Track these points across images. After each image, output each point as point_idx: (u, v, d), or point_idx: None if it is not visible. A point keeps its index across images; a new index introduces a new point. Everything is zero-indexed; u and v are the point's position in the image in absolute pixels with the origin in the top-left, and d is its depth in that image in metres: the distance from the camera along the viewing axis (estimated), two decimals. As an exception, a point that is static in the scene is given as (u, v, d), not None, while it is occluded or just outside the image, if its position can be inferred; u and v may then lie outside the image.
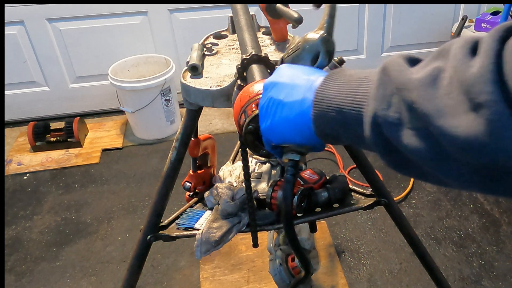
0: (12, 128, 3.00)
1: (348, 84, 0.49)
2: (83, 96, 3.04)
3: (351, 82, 0.49)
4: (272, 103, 0.57)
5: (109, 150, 2.77)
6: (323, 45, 0.59)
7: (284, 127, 0.57)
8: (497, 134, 0.36)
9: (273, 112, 0.57)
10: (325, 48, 0.59)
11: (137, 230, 1.48)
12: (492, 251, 2.00)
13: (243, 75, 0.83)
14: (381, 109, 0.44)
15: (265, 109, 0.59)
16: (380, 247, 2.04)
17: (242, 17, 1.02)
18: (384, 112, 0.44)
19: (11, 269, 2.02)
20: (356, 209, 1.25)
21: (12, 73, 2.88)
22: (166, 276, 1.94)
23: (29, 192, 2.47)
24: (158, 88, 2.63)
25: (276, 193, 1.17)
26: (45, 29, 2.78)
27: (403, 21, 3.10)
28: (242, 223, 1.21)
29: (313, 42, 0.59)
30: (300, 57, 0.61)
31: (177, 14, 2.86)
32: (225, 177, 1.38)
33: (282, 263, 1.54)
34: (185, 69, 1.03)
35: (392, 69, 0.44)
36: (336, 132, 0.51)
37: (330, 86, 0.51)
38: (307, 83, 0.54)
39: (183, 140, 1.11)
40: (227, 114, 3.03)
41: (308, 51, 0.60)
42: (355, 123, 0.48)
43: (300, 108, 0.54)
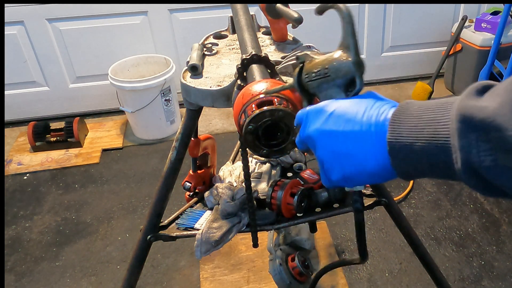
0: (12, 128, 3.01)
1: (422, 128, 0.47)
2: (83, 96, 3.04)
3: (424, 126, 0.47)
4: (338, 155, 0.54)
5: (109, 150, 2.77)
6: (357, 69, 0.56)
7: (362, 177, 0.54)
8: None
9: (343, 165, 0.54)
10: (359, 72, 0.56)
11: (137, 230, 1.48)
12: (492, 251, 2.00)
13: (243, 75, 0.83)
14: (472, 156, 0.42)
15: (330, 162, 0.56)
16: (380, 247, 2.04)
17: (242, 17, 1.02)
18: (476, 159, 0.42)
19: (11, 269, 2.02)
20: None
21: (12, 73, 2.88)
22: (166, 276, 1.94)
23: (29, 192, 2.47)
24: (158, 88, 2.63)
25: (276, 193, 1.17)
26: (45, 29, 2.78)
27: (403, 21, 3.10)
28: (242, 223, 1.21)
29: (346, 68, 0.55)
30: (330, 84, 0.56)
31: (177, 14, 2.86)
32: (225, 177, 1.38)
33: (282, 263, 1.54)
34: (185, 69, 1.03)
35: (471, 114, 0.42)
36: (422, 173, 0.49)
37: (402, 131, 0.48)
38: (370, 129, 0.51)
39: (183, 140, 1.11)
40: (227, 114, 3.03)
41: (341, 78, 0.56)
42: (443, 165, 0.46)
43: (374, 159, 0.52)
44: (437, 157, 0.46)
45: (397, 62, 3.26)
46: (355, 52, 0.56)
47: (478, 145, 0.42)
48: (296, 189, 1.19)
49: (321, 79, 0.57)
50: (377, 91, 0.56)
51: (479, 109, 0.42)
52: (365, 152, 0.52)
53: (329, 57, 0.57)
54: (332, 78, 0.56)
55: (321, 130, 0.55)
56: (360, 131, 0.52)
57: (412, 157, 0.48)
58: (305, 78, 0.59)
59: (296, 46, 1.11)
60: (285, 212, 1.18)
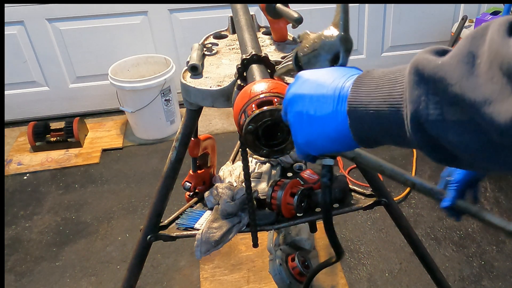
0: (12, 128, 3.00)
1: (379, 88, 0.48)
2: (83, 96, 3.04)
3: (382, 86, 0.48)
4: (303, 118, 0.55)
5: (109, 150, 2.77)
6: (342, 45, 0.57)
7: (323, 141, 0.55)
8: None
9: (307, 128, 0.55)
10: (344, 47, 0.57)
11: (137, 230, 1.48)
12: (492, 251, 2.00)
13: (243, 75, 0.84)
14: (421, 109, 0.43)
15: (297, 124, 0.57)
16: (380, 247, 2.04)
17: (242, 17, 1.02)
18: (424, 112, 0.42)
19: (11, 269, 2.02)
20: (356, 209, 1.25)
21: (12, 73, 2.88)
22: (166, 276, 1.94)
23: (29, 192, 2.47)
24: (158, 88, 2.63)
25: (276, 193, 1.18)
26: (45, 29, 2.78)
27: (403, 21, 3.10)
28: (242, 223, 1.21)
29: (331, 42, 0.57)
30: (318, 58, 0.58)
31: (177, 14, 2.86)
32: (225, 177, 1.38)
33: (282, 263, 1.54)
34: (185, 69, 1.03)
35: (423, 67, 0.43)
36: (376, 136, 0.50)
37: (361, 92, 0.49)
38: (334, 92, 0.52)
39: (183, 140, 1.11)
40: (227, 114, 3.03)
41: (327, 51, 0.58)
42: (395, 127, 0.46)
43: (335, 121, 0.52)
44: (389, 117, 0.46)
45: (397, 62, 3.26)
46: (343, 28, 0.57)
47: (428, 98, 0.42)
48: (296, 189, 1.19)
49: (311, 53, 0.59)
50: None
51: (431, 61, 0.42)
52: (327, 114, 0.53)
53: (320, 33, 0.59)
54: (319, 52, 0.58)
55: (293, 94, 0.57)
56: (324, 94, 0.53)
57: (367, 118, 0.48)
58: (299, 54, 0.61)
59: (296, 46, 1.11)
60: (285, 212, 1.18)
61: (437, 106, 0.42)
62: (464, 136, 0.41)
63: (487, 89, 0.37)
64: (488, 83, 0.37)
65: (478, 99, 0.38)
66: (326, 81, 0.54)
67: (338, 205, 1.24)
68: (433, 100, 0.42)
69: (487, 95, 0.37)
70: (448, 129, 0.41)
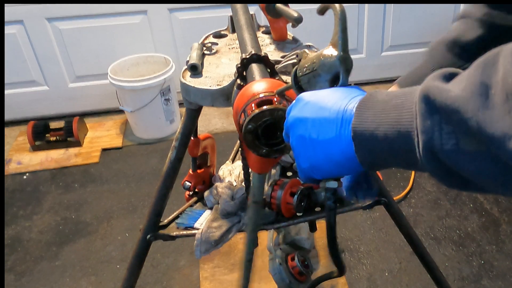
0: (12, 127, 3.00)
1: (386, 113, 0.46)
2: (83, 96, 3.03)
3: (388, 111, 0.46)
4: (306, 142, 0.54)
5: (108, 149, 2.77)
6: (342, 65, 0.56)
7: (328, 165, 0.54)
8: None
9: (311, 152, 0.54)
10: (344, 67, 0.56)
11: (137, 230, 1.49)
12: (492, 251, 2.00)
13: (243, 74, 0.83)
14: (435, 139, 0.41)
15: (299, 148, 0.56)
16: (379, 246, 2.04)
17: (242, 17, 1.02)
18: (438, 142, 0.41)
19: (11, 269, 2.02)
20: (355, 208, 1.25)
21: (12, 73, 2.87)
22: (165, 276, 1.94)
23: (29, 191, 2.47)
24: (157, 87, 2.63)
25: (275, 192, 1.17)
26: (45, 28, 2.78)
27: (403, 21, 3.10)
28: (242, 223, 1.21)
29: (331, 62, 0.56)
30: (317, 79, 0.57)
31: (176, 13, 2.86)
32: (225, 177, 1.38)
33: (282, 262, 1.54)
34: (185, 69, 1.03)
35: (434, 96, 0.42)
36: (384, 161, 0.49)
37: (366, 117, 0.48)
38: (337, 115, 0.51)
39: (183, 139, 1.11)
40: (227, 113, 3.03)
41: (326, 72, 0.57)
42: (405, 153, 0.45)
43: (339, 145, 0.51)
44: (398, 142, 0.45)
45: (397, 62, 3.26)
46: (342, 48, 0.56)
47: (441, 127, 0.41)
48: (295, 188, 1.18)
49: (310, 73, 0.58)
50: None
51: (443, 91, 0.41)
52: (330, 138, 0.51)
53: (319, 53, 0.58)
54: (319, 73, 0.57)
55: (295, 117, 0.56)
56: (327, 118, 0.52)
57: (374, 143, 0.47)
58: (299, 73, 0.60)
59: (296, 45, 1.11)
60: (285, 211, 1.18)
61: (451, 136, 0.41)
62: (482, 165, 0.40)
63: (505, 124, 0.36)
64: (506, 117, 0.36)
65: (496, 133, 0.37)
66: (328, 103, 0.53)
67: (338, 204, 1.24)
68: (447, 130, 0.41)
69: (506, 129, 0.36)
70: (464, 159, 0.41)
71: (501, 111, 0.37)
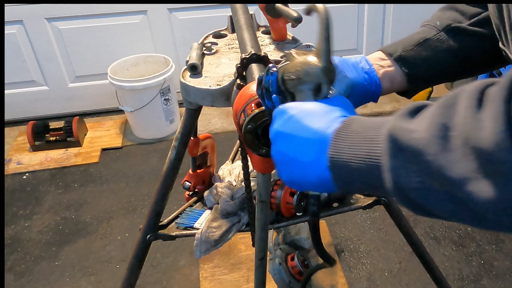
0: (12, 127, 3.00)
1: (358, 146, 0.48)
2: (83, 96, 3.03)
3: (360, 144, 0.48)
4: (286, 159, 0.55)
5: (108, 149, 2.77)
6: (324, 76, 0.57)
7: (305, 184, 0.55)
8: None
9: (290, 168, 0.56)
10: (326, 78, 0.57)
11: (137, 230, 1.48)
12: (492, 250, 2.00)
13: (243, 74, 0.83)
14: (401, 177, 0.43)
15: (279, 163, 0.57)
16: (379, 246, 2.04)
17: (242, 16, 1.02)
18: (405, 180, 0.43)
19: (11, 269, 2.02)
20: (355, 208, 1.25)
21: (11, 73, 2.87)
22: (165, 276, 1.94)
23: (29, 191, 2.47)
24: (157, 87, 2.63)
25: (275, 192, 1.18)
26: (44, 28, 2.78)
27: (403, 21, 3.10)
28: (242, 222, 1.21)
29: (314, 72, 0.57)
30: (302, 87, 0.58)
31: (176, 13, 2.86)
32: (225, 177, 1.38)
33: (281, 262, 1.54)
34: (185, 68, 1.03)
35: (398, 136, 0.43)
36: (359, 189, 0.51)
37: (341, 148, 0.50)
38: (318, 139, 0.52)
39: (183, 139, 1.11)
40: (227, 113, 3.03)
41: (309, 82, 0.57)
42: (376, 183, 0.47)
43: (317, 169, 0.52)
44: (369, 175, 0.47)
45: (396, 62, 3.25)
46: (325, 58, 0.56)
47: (406, 167, 0.43)
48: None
49: (295, 80, 0.58)
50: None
51: (407, 132, 0.43)
52: (309, 161, 0.53)
53: (304, 60, 0.58)
54: (303, 81, 0.58)
55: (277, 131, 0.56)
56: (308, 140, 0.53)
57: (348, 174, 0.49)
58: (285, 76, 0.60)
59: (296, 45, 1.11)
60: (285, 211, 1.18)
61: (417, 175, 0.42)
62: (445, 203, 0.42)
63: (463, 168, 0.38)
64: (463, 160, 0.38)
65: (455, 176, 0.39)
66: (310, 123, 0.53)
67: (337, 204, 1.24)
68: (413, 169, 0.42)
69: (464, 173, 0.38)
70: (429, 196, 0.42)
71: (459, 154, 0.38)
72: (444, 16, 0.76)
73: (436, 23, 0.75)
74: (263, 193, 0.88)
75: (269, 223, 1.19)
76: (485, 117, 0.37)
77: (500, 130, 0.35)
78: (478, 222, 0.42)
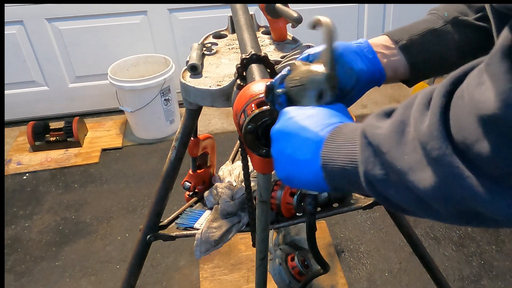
0: (12, 127, 3.00)
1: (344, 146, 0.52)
2: (83, 96, 3.04)
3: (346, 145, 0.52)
4: (284, 157, 0.59)
5: (108, 149, 2.77)
6: (327, 83, 0.60)
7: (300, 181, 0.58)
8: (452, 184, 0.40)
9: (287, 166, 0.59)
10: (329, 85, 0.60)
11: (137, 230, 1.48)
12: (492, 251, 2.00)
13: (243, 74, 0.83)
14: (369, 169, 0.48)
15: (278, 160, 0.60)
16: (379, 246, 2.04)
17: (242, 17, 1.02)
18: (372, 172, 0.47)
19: (11, 269, 2.02)
20: (355, 208, 1.25)
21: (12, 73, 2.87)
22: (165, 276, 1.94)
23: (29, 191, 2.47)
24: (157, 87, 2.63)
25: (275, 193, 1.18)
26: (45, 28, 2.78)
27: (403, 21, 3.08)
28: (242, 223, 1.21)
29: (318, 79, 0.60)
30: (305, 93, 0.61)
31: (176, 13, 2.86)
32: (225, 177, 1.38)
33: (281, 262, 1.54)
34: (185, 69, 1.03)
35: (367, 132, 0.48)
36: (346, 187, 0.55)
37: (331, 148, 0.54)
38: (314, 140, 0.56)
39: (183, 139, 1.11)
40: (227, 113, 3.03)
41: (313, 88, 0.60)
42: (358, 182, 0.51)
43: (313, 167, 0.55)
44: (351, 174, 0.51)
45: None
46: (330, 66, 0.60)
47: (373, 161, 0.47)
48: (295, 188, 1.19)
49: (299, 86, 0.62)
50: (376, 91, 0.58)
51: (373, 128, 0.48)
52: (305, 159, 0.56)
53: (308, 68, 0.62)
54: (306, 87, 0.61)
55: (278, 130, 0.60)
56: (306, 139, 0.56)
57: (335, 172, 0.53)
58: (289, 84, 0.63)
59: (296, 45, 1.11)
60: (285, 211, 1.18)
61: (381, 168, 0.47)
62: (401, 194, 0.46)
63: (411, 158, 0.43)
64: (412, 152, 0.43)
65: (403, 167, 0.44)
66: (309, 125, 0.57)
67: (337, 204, 1.24)
68: (377, 162, 0.47)
69: (410, 163, 0.43)
70: (390, 188, 0.47)
71: (409, 148, 0.43)
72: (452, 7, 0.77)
73: (444, 13, 0.77)
74: (264, 193, 0.88)
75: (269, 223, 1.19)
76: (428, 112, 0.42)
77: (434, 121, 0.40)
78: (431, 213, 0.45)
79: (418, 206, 0.46)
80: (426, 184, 0.42)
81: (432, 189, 0.41)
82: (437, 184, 0.41)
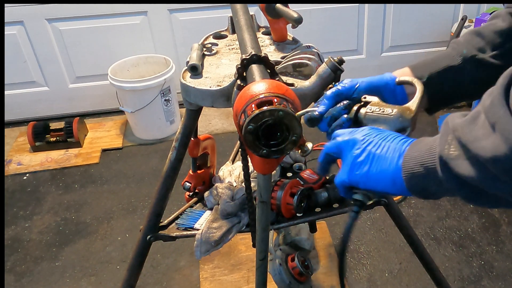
0: (12, 128, 3.00)
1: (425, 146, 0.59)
2: (83, 96, 3.04)
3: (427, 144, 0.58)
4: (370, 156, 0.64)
5: (108, 150, 2.77)
6: (411, 125, 0.68)
7: (380, 178, 0.63)
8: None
9: (370, 164, 0.64)
10: (411, 127, 0.68)
11: (137, 230, 1.49)
12: (492, 251, 2.00)
13: (243, 75, 0.83)
14: (444, 149, 0.53)
15: (363, 158, 0.65)
16: (379, 247, 2.04)
17: (242, 17, 1.02)
18: (446, 152, 0.53)
19: (11, 269, 2.02)
20: (356, 209, 1.25)
21: (12, 73, 2.88)
22: (165, 276, 1.94)
23: (29, 192, 2.47)
24: (157, 88, 2.63)
25: (275, 193, 1.18)
26: (45, 29, 2.78)
27: (403, 21, 3.10)
28: (242, 223, 1.21)
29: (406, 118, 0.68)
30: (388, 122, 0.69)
31: (176, 14, 2.86)
32: (225, 177, 1.38)
33: (281, 263, 1.54)
34: (185, 69, 1.03)
35: (450, 120, 0.54)
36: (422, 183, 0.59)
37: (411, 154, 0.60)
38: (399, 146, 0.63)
39: (183, 140, 1.11)
40: (227, 114, 3.03)
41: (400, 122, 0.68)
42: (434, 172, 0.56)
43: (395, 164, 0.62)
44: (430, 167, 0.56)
45: (397, 62, 3.25)
46: (416, 112, 0.69)
47: (450, 142, 0.53)
48: (295, 189, 1.19)
49: (384, 115, 0.70)
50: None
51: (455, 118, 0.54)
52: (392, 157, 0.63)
53: (399, 106, 0.70)
54: (392, 118, 0.69)
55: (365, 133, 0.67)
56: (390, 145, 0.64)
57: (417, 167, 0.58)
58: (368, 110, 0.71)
59: (296, 46, 1.11)
60: (285, 212, 1.18)
61: (455, 147, 0.52)
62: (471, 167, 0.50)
63: (479, 131, 0.48)
64: (480, 128, 0.48)
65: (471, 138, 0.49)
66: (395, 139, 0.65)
67: (338, 205, 1.24)
68: (453, 143, 0.52)
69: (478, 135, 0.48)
70: (461, 163, 0.51)
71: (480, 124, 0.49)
72: (470, 44, 0.84)
73: (463, 51, 0.83)
74: (264, 194, 0.88)
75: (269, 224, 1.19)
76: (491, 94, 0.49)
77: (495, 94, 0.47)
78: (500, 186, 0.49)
79: (486, 179, 0.49)
80: (490, 151, 0.46)
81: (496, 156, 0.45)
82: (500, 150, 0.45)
